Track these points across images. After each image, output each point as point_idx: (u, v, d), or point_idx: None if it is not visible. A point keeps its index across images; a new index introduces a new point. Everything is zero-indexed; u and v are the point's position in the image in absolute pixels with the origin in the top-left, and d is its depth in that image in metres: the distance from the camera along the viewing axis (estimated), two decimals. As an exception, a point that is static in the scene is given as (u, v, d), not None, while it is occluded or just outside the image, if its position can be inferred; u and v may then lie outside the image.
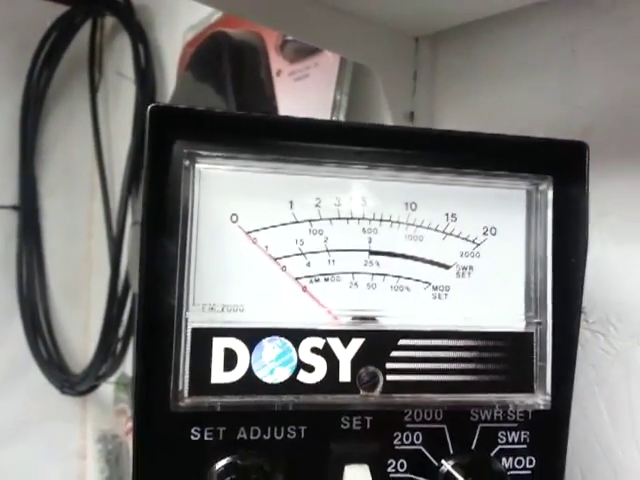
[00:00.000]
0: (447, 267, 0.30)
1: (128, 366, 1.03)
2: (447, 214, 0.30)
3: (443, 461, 0.30)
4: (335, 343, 0.28)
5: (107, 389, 1.11)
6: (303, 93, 0.61)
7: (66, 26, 1.12)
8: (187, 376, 0.26)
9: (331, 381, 0.28)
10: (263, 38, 0.68)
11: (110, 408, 1.12)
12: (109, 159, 1.14)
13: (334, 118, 0.57)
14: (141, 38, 1.00)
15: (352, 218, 0.29)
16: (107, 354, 1.01)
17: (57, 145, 1.21)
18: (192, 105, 0.26)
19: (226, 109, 0.63)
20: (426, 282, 0.30)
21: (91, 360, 1.03)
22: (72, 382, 1.09)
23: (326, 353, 0.28)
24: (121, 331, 1.01)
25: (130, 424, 1.01)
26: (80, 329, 1.22)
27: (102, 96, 1.17)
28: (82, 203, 1.24)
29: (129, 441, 1.05)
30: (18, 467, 1.13)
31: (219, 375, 0.27)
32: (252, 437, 0.28)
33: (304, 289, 0.29)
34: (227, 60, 0.69)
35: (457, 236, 0.30)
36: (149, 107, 0.26)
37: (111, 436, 1.10)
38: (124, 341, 1.01)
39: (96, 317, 1.07)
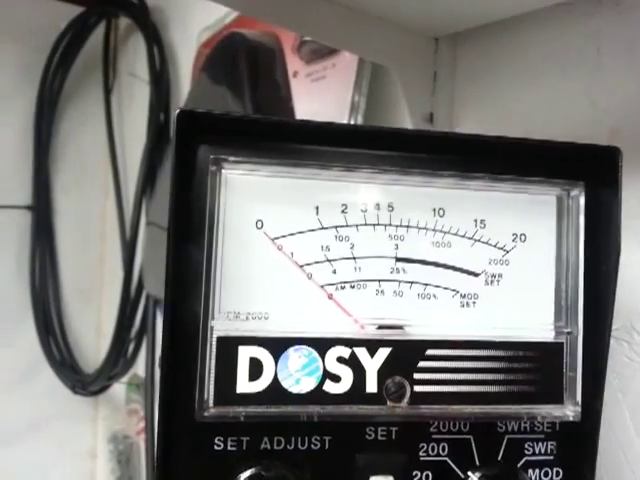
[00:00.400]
0: (476, 275, 0.29)
1: (140, 366, 1.03)
2: (476, 220, 0.29)
3: (469, 472, 0.29)
4: (362, 353, 0.28)
5: (119, 389, 1.12)
6: (320, 94, 0.61)
7: (80, 27, 1.12)
8: (212, 385, 0.26)
9: (357, 391, 0.27)
10: (279, 39, 0.67)
11: (122, 408, 1.13)
12: (123, 160, 1.14)
13: (352, 120, 0.56)
14: (155, 39, 1.00)
15: (379, 224, 0.29)
16: (119, 354, 1.01)
17: (71, 146, 1.21)
18: (219, 110, 0.26)
19: (242, 111, 0.62)
20: (454, 290, 0.29)
21: (103, 360, 1.03)
22: (84, 382, 1.09)
23: (352, 363, 0.27)
24: (133, 331, 1.01)
25: (142, 424, 1.01)
26: (92, 329, 1.23)
27: (116, 97, 1.17)
28: (96, 203, 1.24)
29: (140, 441, 1.05)
30: (30, 466, 1.14)
31: (244, 385, 0.26)
32: (276, 447, 0.28)
33: (330, 297, 0.28)
34: (243, 61, 0.69)
35: (486, 243, 0.30)
36: (176, 112, 0.25)
37: (122, 436, 1.11)
38: (136, 341, 1.01)
39: (109, 317, 1.08)
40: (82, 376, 1.12)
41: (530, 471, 0.30)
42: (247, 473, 0.27)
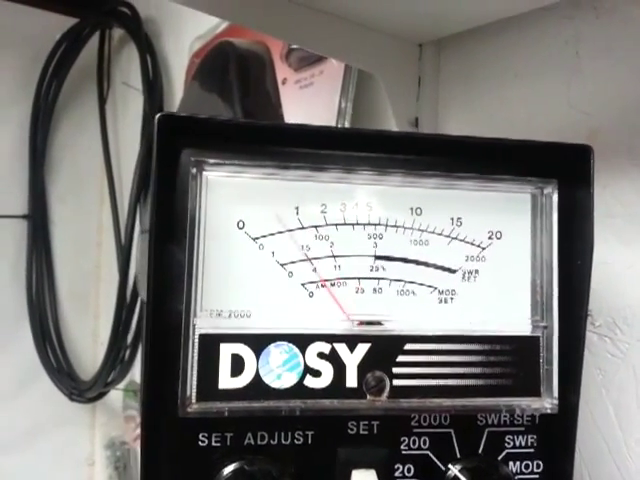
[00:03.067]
0: (453, 271, 0.30)
1: (136, 373, 1.03)
2: (452, 218, 0.30)
3: (450, 465, 0.30)
4: (341, 348, 0.28)
5: (116, 395, 1.12)
6: (308, 101, 0.62)
7: (75, 38, 1.13)
8: (194, 382, 0.27)
9: (338, 386, 0.28)
10: (268, 47, 0.68)
11: (119, 415, 1.13)
12: (118, 168, 1.15)
13: (339, 125, 0.57)
14: (148, 49, 1.01)
15: (358, 224, 0.30)
16: (115, 361, 1.01)
17: (66, 155, 1.22)
18: (199, 113, 0.27)
19: (232, 118, 0.63)
20: (432, 286, 0.30)
21: (99, 367, 1.03)
22: (81, 389, 1.09)
23: (332, 358, 0.28)
24: (129, 338, 1.01)
25: (139, 431, 1.02)
26: (89, 336, 1.23)
27: (111, 106, 1.18)
28: (91, 211, 1.25)
29: (137, 447, 1.05)
30: (28, 474, 1.14)
31: (226, 381, 0.27)
32: (260, 442, 0.28)
33: (310, 295, 0.29)
34: (233, 69, 0.70)
35: (462, 240, 0.30)
36: (157, 116, 0.26)
37: (119, 442, 1.11)
38: (132, 348, 1.02)
39: (105, 324, 1.08)
40: (79, 383, 1.12)
41: (511, 464, 0.31)
42: (230, 467, 0.27)
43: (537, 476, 0.31)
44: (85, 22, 1.14)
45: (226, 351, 0.27)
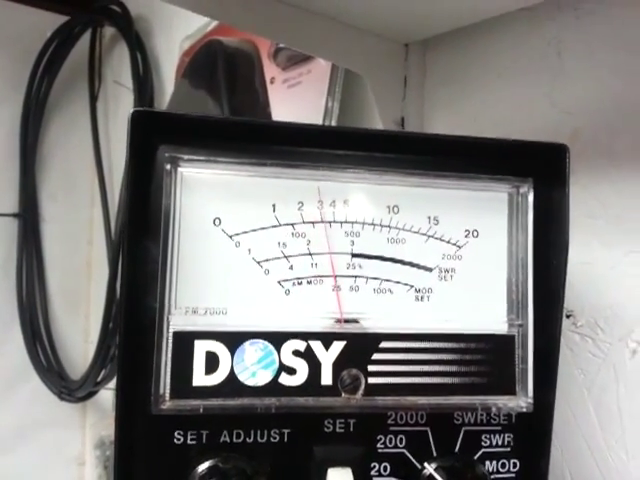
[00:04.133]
0: (429, 270, 0.30)
1: (126, 372, 1.03)
2: (429, 217, 0.30)
3: (426, 464, 0.30)
4: (317, 346, 0.28)
5: (106, 395, 1.12)
6: (296, 100, 0.62)
7: (66, 36, 1.13)
8: (168, 379, 0.27)
9: (313, 384, 0.28)
10: (257, 46, 0.68)
11: (109, 414, 1.13)
12: (109, 166, 1.14)
13: (326, 124, 0.57)
14: (139, 47, 1.01)
15: (334, 221, 0.30)
16: (105, 360, 1.01)
17: (57, 153, 1.22)
18: (174, 110, 0.27)
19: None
20: (408, 285, 0.30)
21: (89, 366, 1.03)
22: (70, 388, 1.09)
23: (308, 356, 0.28)
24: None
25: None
26: (79, 335, 1.23)
27: (101, 104, 1.18)
28: (82, 210, 1.24)
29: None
30: (18, 474, 1.13)
31: (201, 378, 0.27)
32: (235, 440, 0.28)
33: (287, 292, 0.29)
34: (222, 68, 0.70)
35: (439, 239, 0.30)
36: (131, 111, 0.26)
37: (109, 442, 1.10)
38: (122, 347, 1.01)
39: (96, 323, 1.08)
40: (69, 382, 1.11)
41: (487, 463, 0.31)
42: (205, 465, 0.27)
43: (513, 475, 0.31)
44: (76, 20, 1.13)
45: (201, 348, 0.27)
